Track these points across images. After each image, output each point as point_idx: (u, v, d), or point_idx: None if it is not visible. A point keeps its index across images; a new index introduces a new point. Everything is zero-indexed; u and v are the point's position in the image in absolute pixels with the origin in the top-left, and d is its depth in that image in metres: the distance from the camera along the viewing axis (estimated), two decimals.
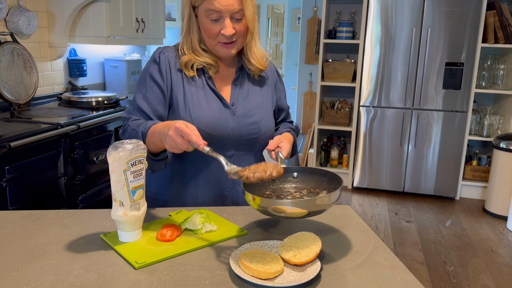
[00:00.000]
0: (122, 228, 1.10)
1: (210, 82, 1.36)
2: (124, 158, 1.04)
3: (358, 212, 3.79)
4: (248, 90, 1.41)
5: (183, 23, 1.33)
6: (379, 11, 3.96)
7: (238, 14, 1.25)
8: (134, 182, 1.07)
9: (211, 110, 1.33)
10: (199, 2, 1.25)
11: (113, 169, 1.06)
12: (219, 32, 1.26)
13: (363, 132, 4.23)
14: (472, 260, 3.00)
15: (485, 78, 4.07)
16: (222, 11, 1.23)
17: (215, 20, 1.25)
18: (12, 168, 2.03)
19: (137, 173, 1.07)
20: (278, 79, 1.52)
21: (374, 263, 1.04)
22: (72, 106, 2.87)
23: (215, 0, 1.22)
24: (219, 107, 1.34)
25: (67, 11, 3.01)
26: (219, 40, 1.28)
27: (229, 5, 1.22)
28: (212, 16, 1.24)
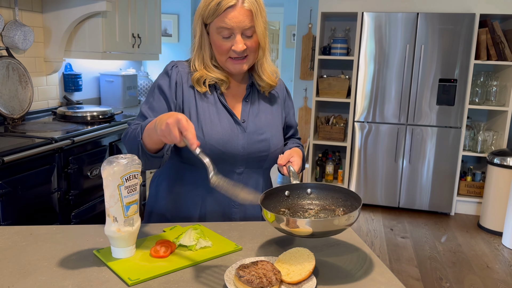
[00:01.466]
0: (115, 244, 1.08)
1: (222, 99, 1.37)
2: (119, 173, 1.04)
3: (354, 227, 3.78)
4: (258, 107, 1.41)
5: (195, 40, 1.35)
6: (373, 28, 4.01)
7: (249, 31, 1.27)
8: (128, 197, 1.06)
9: (223, 127, 1.33)
10: (210, 20, 1.27)
11: (107, 184, 1.05)
12: (230, 48, 1.28)
13: (358, 148, 4.24)
14: (468, 276, 2.99)
15: (478, 95, 4.11)
16: (233, 27, 1.25)
17: (227, 37, 1.27)
18: (5, 183, 2.01)
19: (131, 188, 1.07)
20: (287, 96, 1.53)
21: (370, 280, 1.03)
22: (66, 121, 2.86)
23: (226, 18, 1.24)
24: (230, 123, 1.35)
25: (63, 26, 3.02)
26: (229, 55, 1.29)
27: (240, 21, 1.24)
28: (223, 33, 1.26)
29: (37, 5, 3.00)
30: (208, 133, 1.31)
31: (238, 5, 1.24)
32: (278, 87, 1.48)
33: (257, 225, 1.34)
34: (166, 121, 1.05)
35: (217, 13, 1.24)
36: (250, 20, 1.26)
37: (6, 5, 2.74)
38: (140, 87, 4.32)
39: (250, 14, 1.25)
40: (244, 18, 1.25)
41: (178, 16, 5.76)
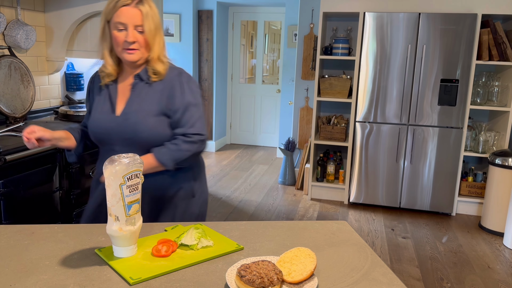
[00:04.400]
0: (117, 243, 1.08)
1: (111, 90, 1.61)
2: (121, 172, 1.04)
3: (355, 227, 3.77)
4: (139, 94, 1.58)
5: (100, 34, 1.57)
6: (374, 28, 4.01)
7: (140, 27, 1.50)
8: (130, 196, 1.06)
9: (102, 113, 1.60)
10: (109, 16, 1.51)
11: (109, 183, 1.05)
12: (124, 40, 1.50)
13: (359, 148, 4.24)
14: (469, 276, 2.98)
15: (480, 95, 4.11)
16: (127, 22, 1.49)
17: (121, 30, 1.50)
18: (7, 182, 2.01)
19: (133, 188, 1.07)
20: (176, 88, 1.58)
21: (372, 280, 1.03)
22: (68, 120, 2.86)
23: (121, 13, 1.49)
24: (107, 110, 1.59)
25: (66, 25, 3.02)
26: (124, 46, 1.51)
27: (130, 17, 1.49)
28: (118, 26, 1.49)
29: (39, 5, 3.00)
30: (92, 120, 1.62)
31: (131, 5, 1.49)
32: (168, 79, 1.58)
33: (259, 224, 1.34)
34: None
35: (115, 10, 1.49)
36: (140, 19, 1.50)
37: (9, 4, 2.75)
38: None
39: (141, 14, 1.50)
40: (135, 16, 1.49)
41: (179, 16, 5.76)
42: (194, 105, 1.59)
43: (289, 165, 4.93)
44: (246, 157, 6.12)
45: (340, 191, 4.46)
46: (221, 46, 6.28)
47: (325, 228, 1.33)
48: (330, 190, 4.50)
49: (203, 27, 6.00)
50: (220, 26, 6.16)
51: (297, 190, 4.78)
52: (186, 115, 1.57)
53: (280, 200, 4.42)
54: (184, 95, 1.58)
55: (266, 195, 4.58)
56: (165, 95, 1.57)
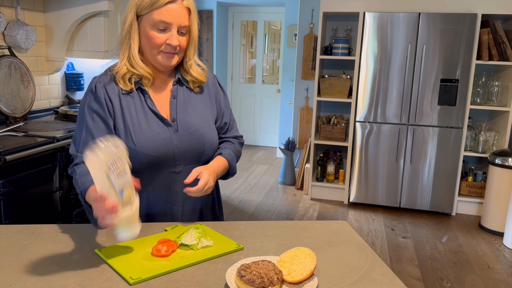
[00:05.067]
0: (119, 228, 1.06)
1: (149, 101, 1.34)
2: (104, 159, 0.98)
3: (355, 227, 3.77)
4: (187, 103, 1.39)
5: (123, 28, 1.31)
6: (374, 28, 4.01)
7: (184, 28, 1.30)
8: (119, 181, 1.02)
9: (153, 131, 1.31)
10: (146, 11, 1.26)
11: (94, 175, 1.00)
12: (164, 42, 1.28)
13: (359, 148, 4.24)
14: (469, 276, 2.98)
15: (479, 95, 4.11)
16: (172, 22, 1.27)
17: (162, 30, 1.27)
18: (7, 182, 2.01)
19: (120, 172, 1.02)
20: (219, 92, 1.50)
21: (372, 280, 1.03)
22: (68, 120, 2.86)
23: (165, 11, 1.25)
24: (160, 127, 1.33)
25: (66, 25, 3.02)
26: (162, 49, 1.29)
27: (178, 17, 1.27)
28: (159, 25, 1.26)
29: (39, 5, 3.00)
30: (139, 141, 1.29)
31: (178, 2, 1.27)
32: (209, 82, 1.47)
33: (259, 224, 1.34)
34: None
35: (156, 6, 1.25)
36: (187, 19, 1.29)
37: (9, 4, 2.75)
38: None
39: (188, 13, 1.30)
40: (182, 15, 1.28)
41: None
42: (230, 108, 1.54)
43: (289, 165, 4.93)
44: (246, 157, 6.12)
45: (340, 191, 4.46)
46: (221, 46, 6.28)
47: (325, 228, 1.33)
48: (330, 190, 4.50)
49: (203, 27, 6.00)
50: (220, 26, 6.16)
51: (297, 190, 4.78)
52: (232, 119, 1.52)
53: (280, 200, 4.42)
54: (226, 98, 1.51)
55: (266, 195, 4.58)
56: (212, 100, 1.46)
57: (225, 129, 1.50)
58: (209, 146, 1.39)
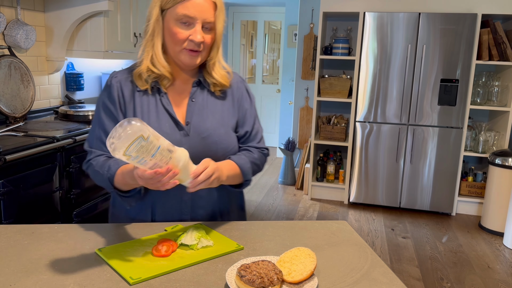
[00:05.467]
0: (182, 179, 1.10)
1: (165, 100, 1.29)
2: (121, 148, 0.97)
3: (355, 227, 3.77)
4: (205, 106, 1.32)
5: (147, 24, 1.26)
6: (374, 28, 4.01)
7: (209, 24, 1.23)
8: (143, 158, 1.01)
9: (162, 132, 1.22)
10: (170, 5, 1.21)
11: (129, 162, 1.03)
12: (187, 38, 1.21)
13: (359, 148, 4.24)
14: (469, 276, 2.98)
15: (480, 95, 4.11)
16: (196, 16, 1.20)
17: (185, 24, 1.21)
18: (7, 182, 2.01)
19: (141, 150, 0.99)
20: (245, 97, 1.41)
21: (372, 280, 1.03)
22: (68, 120, 2.86)
23: (190, 4, 1.19)
24: (171, 128, 1.27)
25: (65, 25, 3.02)
26: (185, 46, 1.23)
27: (203, 11, 1.20)
28: (183, 20, 1.20)
29: (39, 4, 3.00)
30: None
31: None
32: (234, 87, 1.38)
33: (259, 224, 1.34)
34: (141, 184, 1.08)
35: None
36: (213, 14, 1.22)
37: (8, 4, 2.74)
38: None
39: (214, 8, 1.23)
40: (208, 10, 1.21)
41: None
42: (258, 117, 1.43)
43: (289, 165, 4.93)
44: None
45: (340, 191, 4.46)
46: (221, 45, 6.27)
47: (325, 228, 1.33)
48: (330, 190, 4.50)
49: None
50: None
51: (297, 190, 4.78)
52: (255, 128, 1.40)
53: (280, 200, 4.42)
54: (252, 106, 1.41)
55: (266, 195, 4.58)
56: (235, 105, 1.37)
57: (246, 138, 1.39)
58: (223, 154, 1.31)
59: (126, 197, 1.24)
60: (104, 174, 1.21)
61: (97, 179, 1.27)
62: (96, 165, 1.25)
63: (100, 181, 1.26)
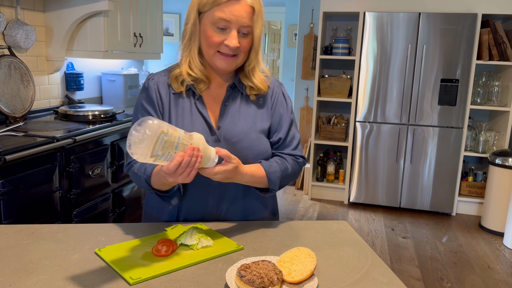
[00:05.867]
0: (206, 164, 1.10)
1: (199, 103, 1.29)
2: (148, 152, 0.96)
3: (355, 227, 3.77)
4: (238, 111, 1.30)
5: (185, 27, 1.26)
6: (375, 28, 4.01)
7: (245, 29, 1.20)
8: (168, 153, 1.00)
9: None
10: (207, 8, 1.19)
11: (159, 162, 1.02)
12: (222, 42, 1.20)
13: (359, 148, 4.24)
14: (469, 276, 2.98)
15: (480, 95, 4.11)
16: (232, 21, 1.18)
17: (221, 29, 1.19)
18: (6, 182, 2.01)
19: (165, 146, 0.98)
20: (280, 100, 1.38)
21: (372, 280, 1.03)
22: (68, 120, 2.86)
23: (227, 8, 1.17)
24: (205, 132, 1.26)
25: (65, 25, 3.02)
26: (219, 49, 1.22)
27: (240, 16, 1.18)
28: (219, 24, 1.18)
29: (39, 4, 3.00)
30: None
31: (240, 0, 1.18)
32: (270, 91, 1.36)
33: (259, 224, 1.34)
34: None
35: (219, 2, 1.17)
36: (250, 19, 1.20)
37: (8, 4, 2.74)
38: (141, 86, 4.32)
39: (252, 12, 1.20)
40: (245, 14, 1.18)
41: (179, 15, 5.76)
42: (295, 122, 1.39)
43: None
44: None
45: (340, 191, 4.46)
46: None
47: (325, 228, 1.33)
48: (330, 190, 4.49)
49: None
50: None
51: (297, 190, 4.78)
52: (290, 134, 1.36)
53: (280, 200, 4.42)
54: (288, 111, 1.37)
55: None
56: (269, 110, 1.34)
57: (279, 144, 1.35)
58: (254, 159, 1.28)
59: (165, 197, 1.25)
60: (142, 176, 1.22)
61: (137, 181, 1.28)
62: (135, 167, 1.26)
63: (139, 183, 1.27)
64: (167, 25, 5.76)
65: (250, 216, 1.37)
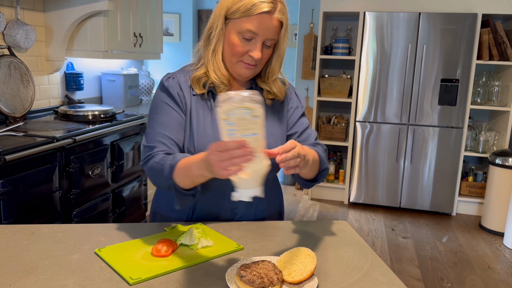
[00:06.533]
0: (240, 185, 0.99)
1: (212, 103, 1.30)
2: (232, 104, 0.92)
3: (355, 227, 3.77)
4: None
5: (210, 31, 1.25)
6: (375, 28, 4.01)
7: (270, 41, 1.22)
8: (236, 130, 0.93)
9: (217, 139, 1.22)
10: (237, 16, 1.19)
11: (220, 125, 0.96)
12: (246, 52, 1.22)
13: (359, 148, 4.24)
14: (469, 276, 2.98)
15: (480, 95, 4.11)
16: (259, 34, 1.19)
17: (247, 39, 1.20)
18: (6, 182, 2.01)
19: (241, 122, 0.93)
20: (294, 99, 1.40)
21: (372, 280, 1.03)
22: (68, 120, 2.86)
23: (256, 21, 1.18)
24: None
25: (65, 25, 3.02)
26: (242, 59, 1.24)
27: (268, 30, 1.19)
28: (245, 34, 1.20)
29: (39, 4, 3.00)
30: (200, 147, 1.24)
31: (272, 13, 1.18)
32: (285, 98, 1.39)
33: (259, 224, 1.34)
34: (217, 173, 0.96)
35: (248, 14, 1.17)
36: (277, 33, 1.22)
37: (8, 4, 2.74)
38: (141, 86, 4.32)
39: (279, 26, 1.22)
40: (273, 28, 1.20)
41: (179, 15, 5.76)
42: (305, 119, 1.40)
43: None
44: None
45: (340, 191, 4.46)
46: None
47: (325, 228, 1.33)
48: (330, 190, 4.49)
49: (203, 26, 6.00)
50: None
51: (297, 190, 4.78)
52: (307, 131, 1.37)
53: None
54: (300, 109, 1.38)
55: None
56: (284, 112, 1.36)
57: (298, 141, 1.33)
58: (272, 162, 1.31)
59: (184, 195, 1.16)
60: (166, 164, 1.15)
61: (155, 172, 1.19)
62: (156, 158, 1.19)
63: (157, 174, 1.18)
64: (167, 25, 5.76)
65: (259, 217, 1.39)
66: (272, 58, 1.30)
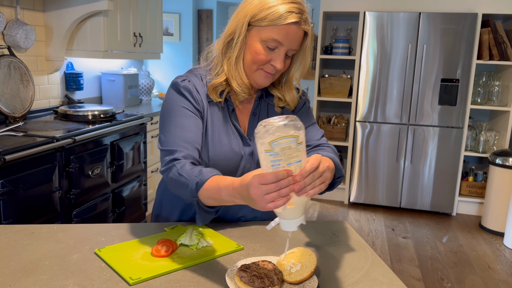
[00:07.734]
0: (283, 216, 0.96)
1: (233, 118, 1.27)
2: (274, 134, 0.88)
3: (355, 227, 3.77)
4: None
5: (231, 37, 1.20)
6: (375, 28, 4.00)
7: (292, 52, 1.20)
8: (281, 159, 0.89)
9: (232, 151, 1.24)
10: (262, 24, 1.14)
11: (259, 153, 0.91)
12: (268, 61, 1.18)
13: (360, 147, 4.24)
14: (470, 276, 2.98)
15: (480, 95, 4.11)
16: (284, 44, 1.16)
17: (270, 48, 1.17)
18: (6, 182, 2.01)
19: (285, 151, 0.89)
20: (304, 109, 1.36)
21: (372, 280, 1.03)
22: (68, 120, 2.86)
23: (283, 30, 1.14)
24: (239, 146, 1.26)
25: (65, 25, 3.02)
26: (263, 67, 1.20)
27: (293, 40, 1.16)
28: (270, 43, 1.15)
29: (38, 4, 3.00)
30: (215, 157, 1.22)
31: (299, 24, 1.15)
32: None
33: (259, 224, 1.34)
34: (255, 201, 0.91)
35: (276, 23, 1.13)
36: (300, 42, 1.18)
37: (8, 4, 2.74)
38: (141, 86, 4.32)
39: (304, 36, 1.19)
40: (298, 38, 1.17)
41: (179, 15, 5.76)
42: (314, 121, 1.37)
43: None
44: None
45: (340, 191, 4.46)
46: None
47: (325, 228, 1.33)
48: None
49: (203, 26, 6.00)
50: (220, 26, 6.14)
51: None
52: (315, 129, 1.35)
53: None
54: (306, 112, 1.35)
55: None
56: None
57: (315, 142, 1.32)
58: None
59: (207, 212, 1.13)
60: (192, 180, 1.08)
61: (179, 186, 1.12)
62: (180, 169, 1.12)
63: (181, 188, 1.12)
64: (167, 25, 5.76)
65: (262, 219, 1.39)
66: (292, 66, 1.26)
